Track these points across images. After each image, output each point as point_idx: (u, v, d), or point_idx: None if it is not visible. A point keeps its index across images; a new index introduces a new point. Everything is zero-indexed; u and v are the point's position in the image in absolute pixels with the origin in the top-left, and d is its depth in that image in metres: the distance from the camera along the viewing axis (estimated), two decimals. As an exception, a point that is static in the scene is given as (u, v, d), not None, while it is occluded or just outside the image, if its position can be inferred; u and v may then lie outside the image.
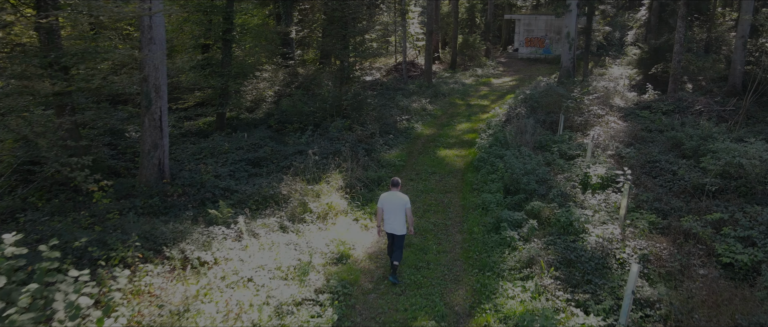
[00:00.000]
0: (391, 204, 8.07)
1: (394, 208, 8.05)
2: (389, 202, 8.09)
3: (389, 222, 8.11)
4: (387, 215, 8.12)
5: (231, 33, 17.19)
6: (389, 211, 8.09)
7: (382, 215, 8.20)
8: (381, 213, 8.20)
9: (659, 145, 14.15)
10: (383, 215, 8.18)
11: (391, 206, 8.06)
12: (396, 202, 8.05)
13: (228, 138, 15.99)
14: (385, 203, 8.13)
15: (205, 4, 16.58)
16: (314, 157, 12.53)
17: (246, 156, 13.60)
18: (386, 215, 8.13)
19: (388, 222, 8.13)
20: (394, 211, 8.05)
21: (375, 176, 12.77)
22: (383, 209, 8.15)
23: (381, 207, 8.18)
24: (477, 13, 40.40)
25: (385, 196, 8.19)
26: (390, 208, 8.07)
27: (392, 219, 8.07)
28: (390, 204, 8.08)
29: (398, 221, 8.05)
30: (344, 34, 16.22)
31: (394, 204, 8.05)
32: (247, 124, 18.61)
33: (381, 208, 8.18)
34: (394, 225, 8.08)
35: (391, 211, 8.07)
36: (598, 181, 11.81)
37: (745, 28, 21.49)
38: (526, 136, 14.93)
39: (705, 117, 17.59)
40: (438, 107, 22.40)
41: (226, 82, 17.06)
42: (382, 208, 8.16)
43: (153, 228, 9.37)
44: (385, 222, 8.17)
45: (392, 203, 8.07)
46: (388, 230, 8.15)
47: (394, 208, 8.05)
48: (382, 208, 8.17)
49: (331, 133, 14.55)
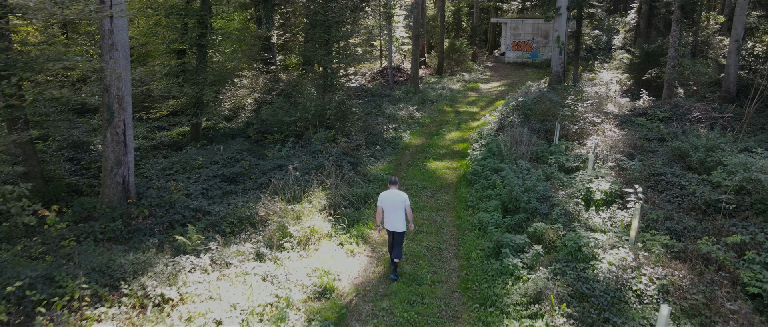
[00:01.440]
0: (391, 202, 8.26)
1: (393, 206, 8.25)
2: (389, 201, 8.27)
3: (389, 220, 8.31)
4: (387, 213, 8.32)
5: (206, 38, 16.10)
6: (389, 209, 8.28)
7: (382, 214, 8.40)
8: (381, 212, 8.40)
9: (662, 156, 13.39)
10: (383, 214, 8.37)
11: (391, 204, 8.26)
12: (395, 200, 8.24)
13: (203, 150, 14.88)
14: (384, 202, 8.32)
15: (179, 6, 15.46)
16: (295, 173, 11.49)
17: (221, 171, 12.50)
18: (386, 213, 8.33)
19: (388, 220, 8.32)
20: (394, 209, 8.25)
21: (361, 193, 11.77)
22: (383, 208, 8.34)
23: (381, 206, 8.38)
24: (463, 16, 39.69)
25: (384, 194, 8.38)
26: (390, 207, 8.27)
27: (392, 217, 8.27)
28: (389, 202, 8.27)
29: (398, 219, 8.25)
30: (327, 39, 15.21)
31: (394, 202, 8.24)
32: (224, 135, 17.49)
33: (381, 207, 8.38)
34: (394, 223, 8.28)
35: (391, 209, 8.27)
36: (602, 197, 10.98)
37: (739, 31, 20.96)
38: (522, 147, 14.07)
39: (703, 124, 16.95)
40: (426, 115, 21.49)
41: (201, 90, 15.95)
42: (382, 207, 8.36)
43: (110, 259, 8.25)
44: (385, 220, 8.36)
45: (392, 201, 8.25)
46: (388, 228, 8.35)
47: (393, 206, 8.25)
48: (382, 207, 8.37)
49: (314, 146, 13.50)
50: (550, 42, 36.83)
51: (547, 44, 36.99)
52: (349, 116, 15.11)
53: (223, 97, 21.77)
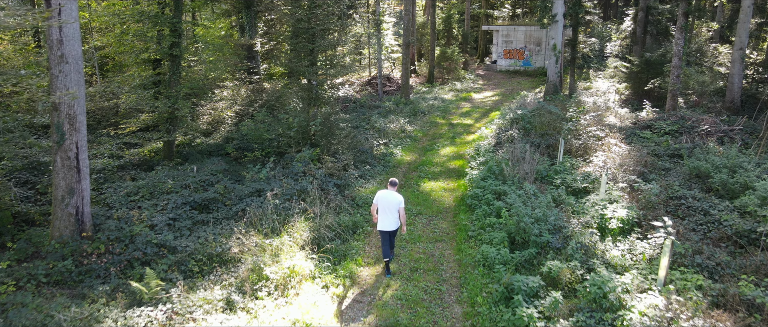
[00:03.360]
0: (386, 202, 8.48)
1: (388, 207, 8.47)
2: (384, 200, 8.50)
3: (382, 219, 8.54)
4: (381, 212, 8.55)
5: (179, 47, 14.76)
6: (383, 209, 8.51)
7: (377, 210, 8.63)
8: (376, 209, 8.65)
9: (678, 176, 12.30)
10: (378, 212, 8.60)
11: (386, 204, 8.48)
12: (391, 201, 8.47)
13: (175, 171, 13.50)
14: (380, 201, 8.55)
15: (148, 13, 14.12)
16: (274, 201, 10.18)
17: (192, 197, 11.13)
18: (380, 213, 8.56)
19: (381, 219, 8.55)
20: (389, 210, 8.48)
21: (349, 222, 10.48)
22: (378, 206, 8.57)
23: (376, 203, 8.62)
24: (454, 23, 38.68)
25: (381, 193, 8.58)
26: (384, 206, 8.50)
27: (385, 217, 8.51)
28: (385, 202, 8.49)
29: (391, 219, 8.51)
30: (311, 49, 13.94)
31: (389, 202, 8.47)
32: (200, 152, 16.11)
33: (376, 205, 8.62)
34: (386, 222, 8.51)
35: (385, 209, 8.49)
36: (619, 226, 9.82)
37: (743, 38, 20.08)
38: (525, 165, 12.89)
39: (712, 138, 15.94)
40: (418, 128, 20.28)
41: (174, 105, 14.59)
42: (377, 206, 8.60)
43: (48, 315, 6.89)
44: (379, 218, 8.59)
45: (387, 201, 8.47)
46: (380, 227, 8.58)
47: (388, 207, 8.47)
48: (377, 205, 8.61)
49: (296, 167, 12.18)
50: (542, 50, 35.93)
51: (539, 52, 36.07)
52: (335, 132, 13.83)
53: (201, 111, 20.41)
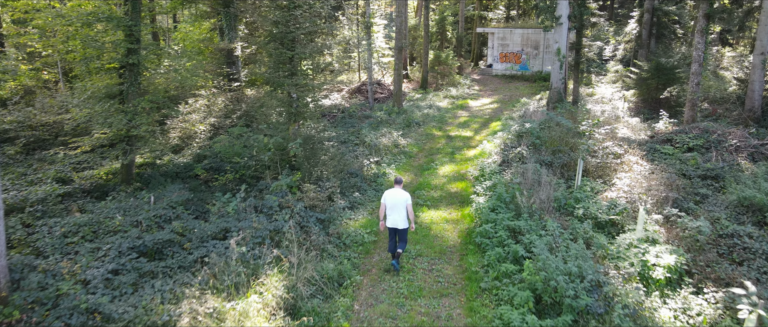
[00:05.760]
0: (394, 200, 8.64)
1: (396, 205, 8.63)
2: (392, 199, 8.66)
3: (391, 217, 8.68)
4: (389, 211, 8.70)
5: (137, 55, 12.72)
6: (391, 207, 8.67)
7: (384, 211, 8.80)
8: (384, 208, 8.80)
9: (720, 206, 10.50)
10: (386, 211, 8.76)
11: (394, 202, 8.63)
12: (398, 199, 8.62)
13: (129, 200, 11.44)
14: (387, 200, 8.71)
15: (97, 14, 12.06)
16: (240, 248, 8.18)
17: (142, 239, 9.09)
18: (388, 211, 8.71)
19: (390, 217, 8.68)
20: (397, 208, 8.63)
21: (334, 272, 8.51)
22: (386, 205, 8.72)
23: (384, 203, 8.77)
24: (448, 25, 36.86)
25: (388, 192, 8.77)
26: (392, 205, 8.65)
27: (394, 214, 8.65)
28: (393, 200, 8.65)
29: (400, 217, 8.64)
30: (291, 57, 11.98)
31: (397, 200, 8.62)
32: (165, 174, 14.05)
33: (384, 204, 8.77)
34: (396, 220, 8.65)
35: (393, 207, 8.65)
36: (666, 275, 7.98)
37: (764, 42, 18.43)
38: (541, 192, 11.02)
39: (743, 154, 14.22)
40: (412, 141, 18.36)
41: (132, 121, 12.56)
42: (385, 204, 8.75)
43: None
44: (387, 217, 8.72)
45: (395, 199, 8.63)
46: (390, 225, 8.72)
47: (396, 205, 8.63)
48: (384, 204, 8.76)
49: (270, 201, 10.16)
50: (540, 53, 34.23)
51: (537, 56, 34.36)
52: (319, 155, 11.85)
53: (171, 124, 18.35)
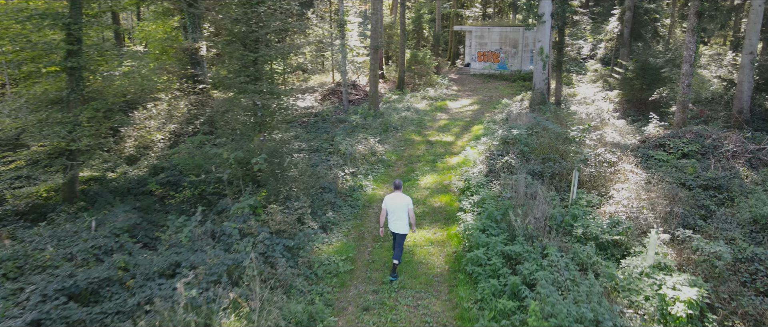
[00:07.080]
0: (395, 205, 8.61)
1: (397, 209, 8.60)
2: (393, 203, 8.64)
3: (393, 222, 8.67)
4: (391, 216, 8.69)
5: (78, 57, 11.17)
6: (393, 211, 8.65)
7: (386, 216, 8.81)
8: (385, 213, 8.81)
9: (730, 222, 9.58)
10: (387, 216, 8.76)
11: (395, 207, 8.61)
12: (399, 203, 8.60)
13: (68, 225, 9.90)
14: (389, 204, 8.69)
15: (29, 11, 10.47)
16: (189, 293, 6.82)
17: (74, 278, 7.63)
18: (390, 216, 8.70)
19: (392, 222, 8.68)
20: (398, 212, 8.61)
21: (304, 315, 7.21)
22: (387, 210, 8.72)
23: (385, 208, 8.77)
24: (424, 24, 35.72)
25: (389, 197, 8.72)
26: (393, 209, 8.63)
27: (396, 219, 8.63)
28: (394, 205, 8.62)
29: (401, 221, 8.63)
30: (254, 60, 10.62)
31: (398, 205, 8.60)
32: (115, 191, 12.51)
33: (385, 209, 8.78)
34: (398, 224, 8.64)
35: (394, 211, 8.62)
36: (687, 311, 6.94)
37: (753, 42, 17.84)
38: (535, 209, 9.92)
39: (741, 160, 13.45)
40: (390, 148, 17.13)
41: (72, 133, 11.02)
42: (386, 209, 8.75)
43: None
44: (389, 222, 8.73)
45: (396, 204, 8.61)
46: (392, 229, 8.72)
47: (397, 209, 8.60)
48: (386, 209, 8.76)
49: (228, 227, 8.79)
50: (519, 52, 33.41)
51: (516, 54, 33.53)
52: (287, 169, 10.51)
53: (126, 132, 16.71)
